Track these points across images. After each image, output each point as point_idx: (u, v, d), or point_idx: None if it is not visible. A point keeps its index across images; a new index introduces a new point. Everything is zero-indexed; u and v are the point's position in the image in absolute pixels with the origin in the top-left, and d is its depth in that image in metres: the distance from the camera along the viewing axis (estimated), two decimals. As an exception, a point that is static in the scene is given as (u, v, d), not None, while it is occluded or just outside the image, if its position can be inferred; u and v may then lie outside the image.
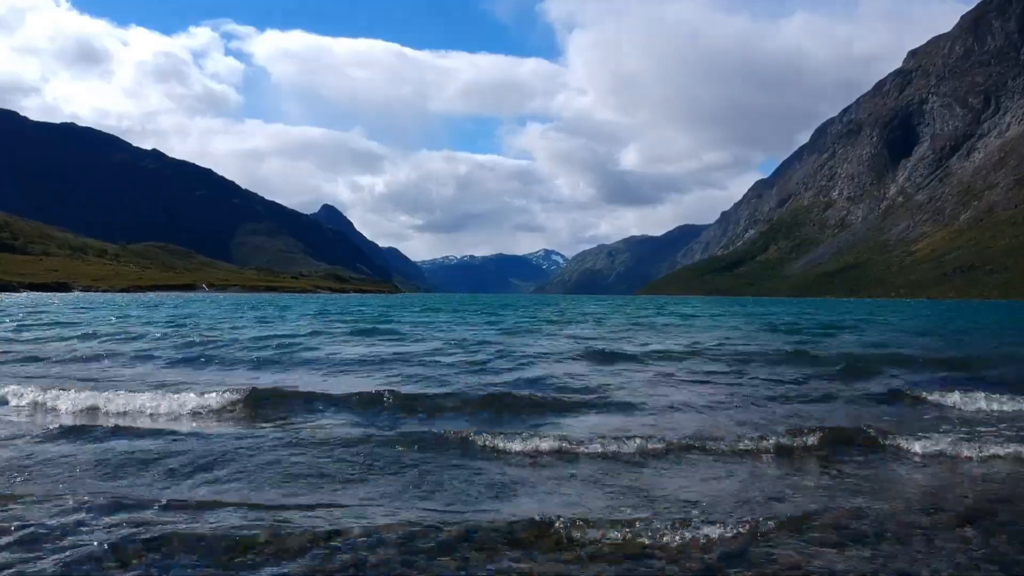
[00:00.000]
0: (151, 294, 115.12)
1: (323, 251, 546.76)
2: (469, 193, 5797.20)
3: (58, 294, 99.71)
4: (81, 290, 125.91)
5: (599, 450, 6.43)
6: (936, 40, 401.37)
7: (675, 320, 34.99)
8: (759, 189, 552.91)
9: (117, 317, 30.73)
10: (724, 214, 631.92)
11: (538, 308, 57.56)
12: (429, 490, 5.30)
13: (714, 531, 4.29)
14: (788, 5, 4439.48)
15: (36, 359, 13.44)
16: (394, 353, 15.14)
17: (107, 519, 4.37)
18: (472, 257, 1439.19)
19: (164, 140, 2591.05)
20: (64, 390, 8.90)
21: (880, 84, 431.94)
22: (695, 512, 4.77)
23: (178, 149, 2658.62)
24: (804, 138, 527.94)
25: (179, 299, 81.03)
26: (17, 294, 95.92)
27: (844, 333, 25.09)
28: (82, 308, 42.53)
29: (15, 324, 24.16)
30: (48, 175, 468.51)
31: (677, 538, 4.19)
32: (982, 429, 7.69)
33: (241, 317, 32.42)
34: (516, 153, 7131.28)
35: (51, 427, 7.07)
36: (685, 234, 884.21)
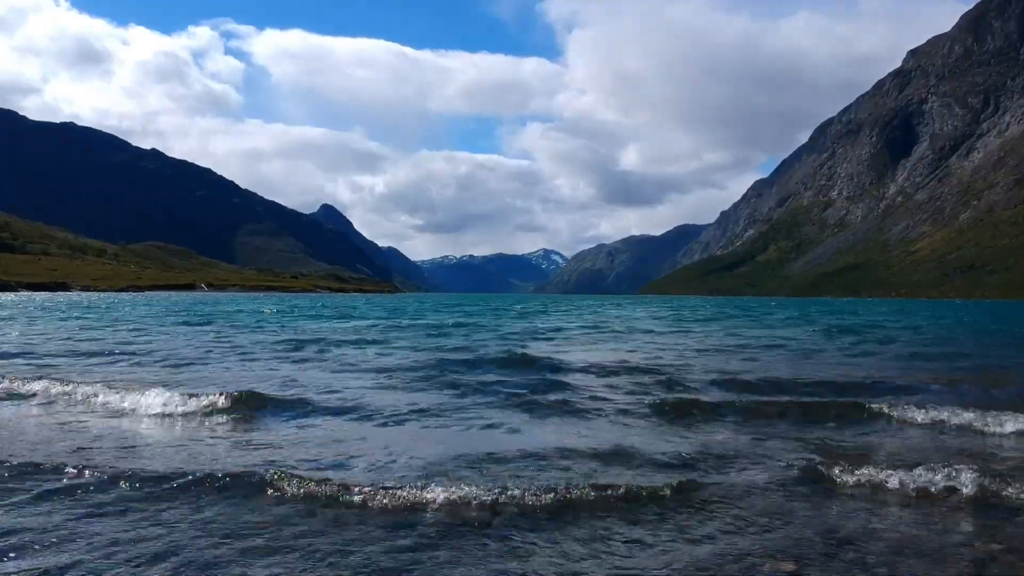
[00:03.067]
0: (149, 294, 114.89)
1: (323, 251, 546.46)
2: (469, 193, 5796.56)
3: (56, 294, 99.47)
4: (80, 290, 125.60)
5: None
6: (936, 40, 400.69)
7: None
8: (759, 189, 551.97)
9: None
10: (724, 214, 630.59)
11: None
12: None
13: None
14: (789, 5, 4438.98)
15: None
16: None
17: None
18: (472, 257, 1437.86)
19: (164, 140, 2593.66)
20: None
21: (880, 84, 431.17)
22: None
23: (178, 149, 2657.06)
24: (804, 138, 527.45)
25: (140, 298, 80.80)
26: (13, 294, 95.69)
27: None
28: None
29: None
30: (48, 175, 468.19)
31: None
32: None
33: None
34: (516, 153, 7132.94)
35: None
36: (685, 234, 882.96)
